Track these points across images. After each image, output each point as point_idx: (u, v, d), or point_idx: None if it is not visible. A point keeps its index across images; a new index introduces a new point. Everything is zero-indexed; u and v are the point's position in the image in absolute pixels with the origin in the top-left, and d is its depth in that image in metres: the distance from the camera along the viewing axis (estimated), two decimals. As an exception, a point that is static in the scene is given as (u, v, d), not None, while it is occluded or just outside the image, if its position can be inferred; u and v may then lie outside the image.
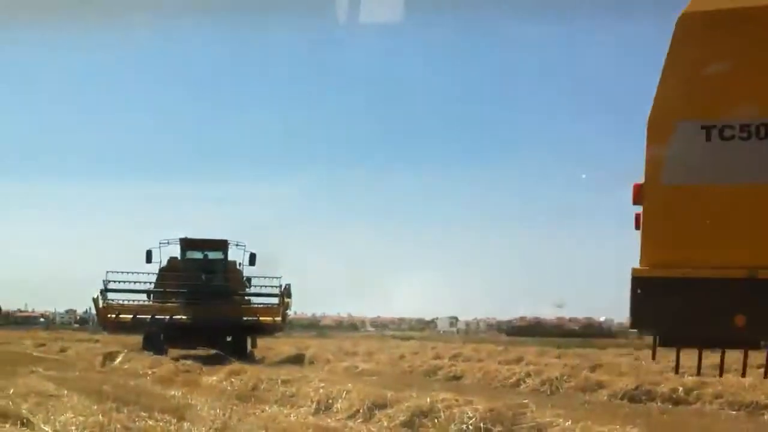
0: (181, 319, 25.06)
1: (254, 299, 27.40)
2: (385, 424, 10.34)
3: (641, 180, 6.64)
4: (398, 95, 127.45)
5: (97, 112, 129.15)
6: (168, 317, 25.10)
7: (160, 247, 26.52)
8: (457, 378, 19.41)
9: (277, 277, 26.52)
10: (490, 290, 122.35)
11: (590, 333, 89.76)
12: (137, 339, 26.27)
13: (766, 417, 12.06)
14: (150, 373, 18.75)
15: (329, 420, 11.04)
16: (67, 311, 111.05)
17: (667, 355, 27.82)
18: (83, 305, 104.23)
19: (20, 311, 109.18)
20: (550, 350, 30.05)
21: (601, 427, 8.57)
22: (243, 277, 27.37)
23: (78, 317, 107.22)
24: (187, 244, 27.04)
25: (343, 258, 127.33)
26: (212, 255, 27.42)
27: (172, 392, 13.89)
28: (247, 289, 27.48)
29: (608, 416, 10.50)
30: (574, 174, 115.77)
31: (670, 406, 13.45)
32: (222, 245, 27.31)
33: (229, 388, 14.93)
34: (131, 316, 25.34)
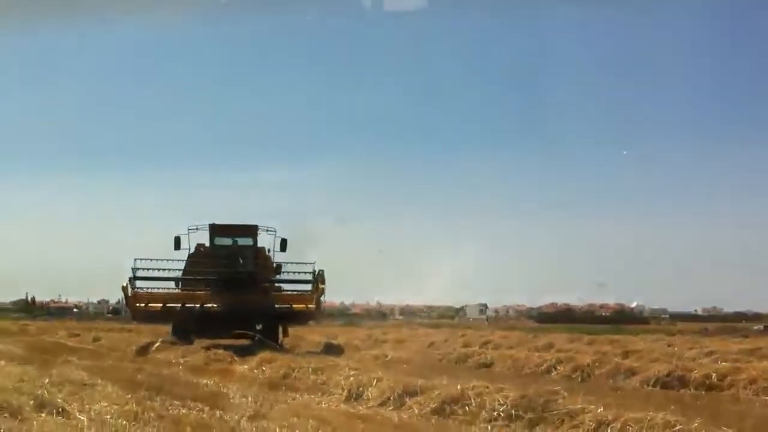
0: (212, 307, 24.17)
1: (286, 286, 26.03)
2: (416, 411, 10.36)
3: None
4: (423, 82, 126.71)
5: (123, 101, 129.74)
6: (199, 306, 24.19)
7: (188, 233, 25.38)
8: (487, 365, 19.39)
9: (310, 263, 25.04)
10: (519, 277, 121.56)
11: (621, 319, 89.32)
12: (169, 328, 26.21)
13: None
14: (182, 362, 18.92)
15: (360, 407, 11.09)
16: (99, 301, 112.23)
17: (699, 341, 27.58)
18: (116, 295, 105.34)
19: (54, 302, 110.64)
20: (581, 337, 29.90)
21: (633, 414, 8.51)
22: (273, 263, 26.00)
23: (111, 307, 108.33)
24: (215, 229, 25.73)
25: (372, 246, 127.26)
26: (241, 241, 26.23)
27: (205, 381, 14.02)
28: (277, 276, 26.08)
29: (640, 403, 10.42)
30: (609, 155, 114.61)
31: (704, 392, 13.33)
32: (251, 231, 26.13)
33: (260, 376, 15.03)
34: (161, 305, 24.34)
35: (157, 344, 23.96)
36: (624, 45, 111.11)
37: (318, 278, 24.57)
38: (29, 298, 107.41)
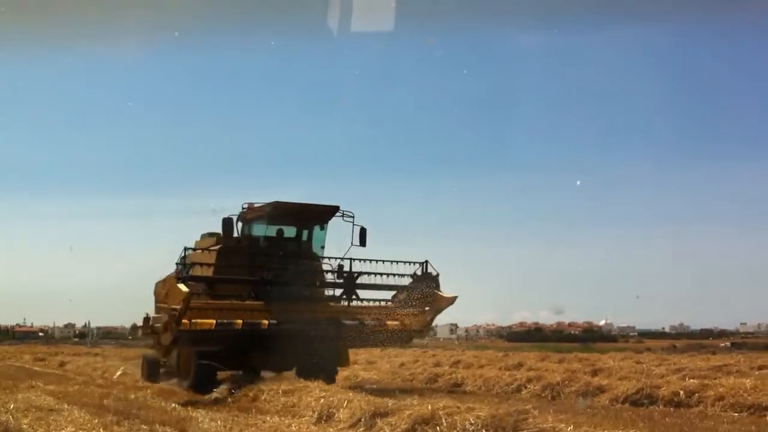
0: (277, 325, 16.72)
1: (370, 293, 18.34)
2: (387, 432, 10.32)
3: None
4: (391, 103, 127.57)
5: (88, 130, 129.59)
6: (272, 322, 16.56)
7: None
8: (458, 385, 19.39)
9: (417, 262, 18.17)
10: (488, 297, 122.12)
11: (590, 337, 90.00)
12: (138, 352, 25.42)
13: (768, 418, 12.03)
14: (150, 385, 18.70)
15: (331, 429, 11.03)
16: (65, 325, 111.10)
17: (668, 358, 27.74)
18: (81, 319, 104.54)
19: (19, 326, 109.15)
20: (551, 355, 30.01)
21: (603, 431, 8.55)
22: (332, 260, 18.55)
23: (77, 331, 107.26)
24: (275, 211, 18.30)
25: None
26: (288, 231, 19.09)
27: (173, 405, 13.86)
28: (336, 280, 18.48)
29: (610, 420, 10.49)
30: (569, 180, 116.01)
31: (672, 410, 13.42)
32: (324, 214, 18.75)
33: (230, 399, 14.88)
34: (213, 321, 15.90)
35: (119, 373, 23.48)
36: (585, 74, 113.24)
37: (431, 282, 18.24)
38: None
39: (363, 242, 18.28)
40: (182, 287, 15.17)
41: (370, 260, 17.66)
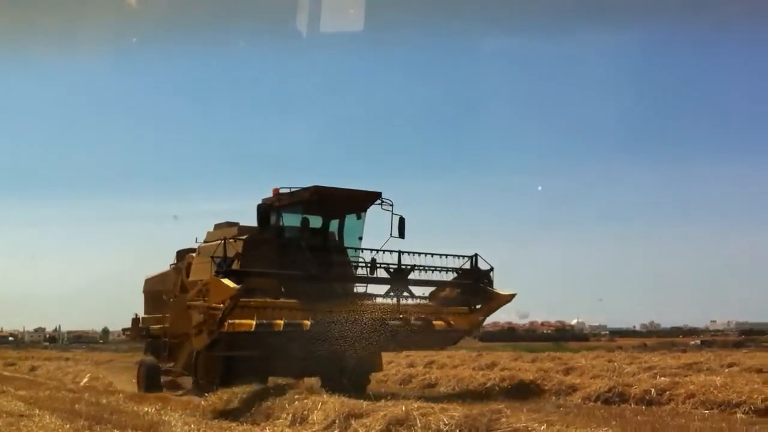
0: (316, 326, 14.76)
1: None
2: (362, 433, 10.32)
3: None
4: (362, 104, 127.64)
5: (63, 134, 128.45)
6: (309, 324, 14.67)
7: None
8: (432, 385, 19.44)
9: (465, 256, 16.49)
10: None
11: (562, 336, 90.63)
12: (108, 356, 25.30)
13: (738, 415, 12.17)
14: (122, 389, 18.54)
15: (305, 432, 11.01)
16: (36, 330, 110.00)
17: (639, 356, 27.98)
18: (52, 324, 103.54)
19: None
20: (524, 355, 30.15)
21: (576, 430, 8.60)
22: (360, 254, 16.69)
23: (47, 335, 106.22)
24: (318, 197, 16.25)
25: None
26: (313, 221, 17.10)
27: (146, 409, 13.76)
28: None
29: (583, 419, 10.53)
30: (537, 181, 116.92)
31: (644, 407, 13.55)
32: (369, 200, 16.87)
33: (202, 403, 14.79)
34: (253, 322, 14.21)
35: (86, 379, 23.22)
36: (550, 77, 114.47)
37: (482, 277, 16.68)
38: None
39: (402, 233, 16.57)
40: (229, 283, 13.18)
41: (417, 253, 15.73)
